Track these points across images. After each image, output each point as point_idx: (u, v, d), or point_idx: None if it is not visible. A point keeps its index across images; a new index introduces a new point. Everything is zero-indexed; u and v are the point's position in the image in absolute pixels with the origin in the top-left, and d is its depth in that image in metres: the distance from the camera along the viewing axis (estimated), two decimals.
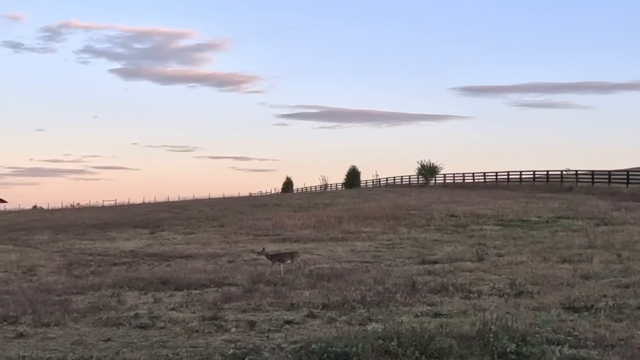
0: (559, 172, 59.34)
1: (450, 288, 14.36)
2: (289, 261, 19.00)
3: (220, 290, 15.48)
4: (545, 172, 60.77)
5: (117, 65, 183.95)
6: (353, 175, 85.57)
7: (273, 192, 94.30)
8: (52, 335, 10.68)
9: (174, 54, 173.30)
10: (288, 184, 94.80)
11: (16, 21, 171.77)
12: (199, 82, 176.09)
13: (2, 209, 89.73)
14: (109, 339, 10.24)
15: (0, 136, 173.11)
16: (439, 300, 13.07)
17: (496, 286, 14.60)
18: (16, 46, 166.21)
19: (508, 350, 8.42)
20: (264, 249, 20.79)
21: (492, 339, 8.71)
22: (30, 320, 11.90)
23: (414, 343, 8.59)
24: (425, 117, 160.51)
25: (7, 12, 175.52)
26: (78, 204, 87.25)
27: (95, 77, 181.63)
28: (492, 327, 9.16)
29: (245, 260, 21.91)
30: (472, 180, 69.23)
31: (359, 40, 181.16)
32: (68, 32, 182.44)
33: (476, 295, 13.60)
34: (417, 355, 8.32)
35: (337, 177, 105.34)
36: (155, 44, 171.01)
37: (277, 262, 18.81)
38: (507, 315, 10.41)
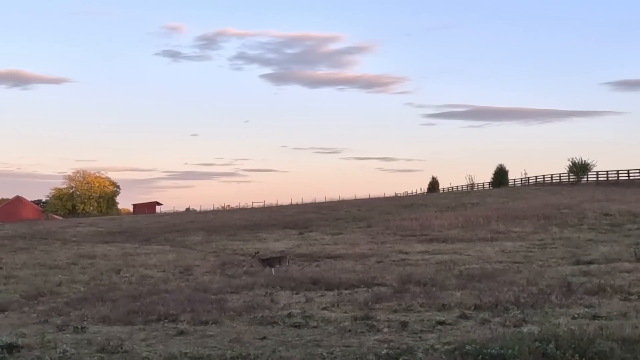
0: None
1: (608, 289, 13.83)
2: (278, 265, 19.37)
3: (370, 290, 15.55)
4: None
5: (268, 70, 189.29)
6: (500, 174, 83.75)
7: (418, 192, 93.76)
8: (211, 333, 11.01)
9: (323, 57, 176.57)
10: (434, 184, 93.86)
11: (175, 31, 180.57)
12: (348, 84, 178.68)
13: (158, 211, 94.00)
14: (264, 337, 10.45)
15: (157, 141, 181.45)
16: (597, 302, 12.61)
17: None
18: (175, 55, 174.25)
19: None
20: (258, 252, 21.01)
21: None
22: (189, 318, 12.31)
23: (572, 346, 8.33)
24: (577, 114, 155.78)
25: (168, 23, 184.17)
26: (229, 205, 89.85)
27: (248, 83, 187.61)
28: None
29: (393, 261, 21.92)
30: (627, 178, 66.40)
31: (507, 38, 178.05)
32: (223, 40, 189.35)
33: (636, 297, 13.05)
34: (577, 358, 8.05)
35: (484, 177, 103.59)
36: (306, 49, 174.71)
37: (267, 266, 19.08)
38: None
